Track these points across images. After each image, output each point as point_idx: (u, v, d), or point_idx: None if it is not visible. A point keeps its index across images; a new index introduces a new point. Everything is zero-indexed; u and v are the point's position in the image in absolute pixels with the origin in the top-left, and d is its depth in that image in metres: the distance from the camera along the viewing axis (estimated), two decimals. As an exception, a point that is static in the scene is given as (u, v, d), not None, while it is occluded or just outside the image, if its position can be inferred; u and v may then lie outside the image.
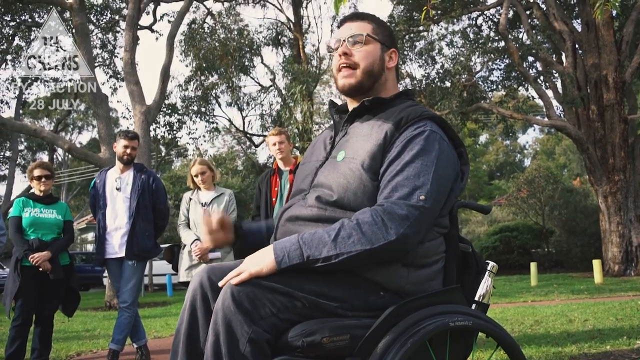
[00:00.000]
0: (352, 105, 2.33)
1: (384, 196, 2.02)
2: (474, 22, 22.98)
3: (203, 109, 23.72)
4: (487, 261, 2.33)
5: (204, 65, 22.80)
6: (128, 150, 5.77)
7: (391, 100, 2.28)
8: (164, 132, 21.72)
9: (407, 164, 2.03)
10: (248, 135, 28.12)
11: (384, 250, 1.93)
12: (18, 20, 20.30)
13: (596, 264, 15.12)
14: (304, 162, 2.41)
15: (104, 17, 21.07)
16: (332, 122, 2.45)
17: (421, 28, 21.47)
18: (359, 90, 2.27)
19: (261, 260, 1.95)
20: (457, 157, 2.18)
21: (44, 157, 38.73)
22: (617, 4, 5.69)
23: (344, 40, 2.28)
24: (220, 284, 1.94)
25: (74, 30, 16.01)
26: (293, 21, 25.26)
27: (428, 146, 2.06)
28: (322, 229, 2.00)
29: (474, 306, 2.23)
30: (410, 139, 2.08)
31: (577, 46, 19.42)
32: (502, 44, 20.05)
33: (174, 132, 21.89)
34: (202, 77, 23.70)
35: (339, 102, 2.48)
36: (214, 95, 25.00)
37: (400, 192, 1.99)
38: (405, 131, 2.11)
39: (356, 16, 2.35)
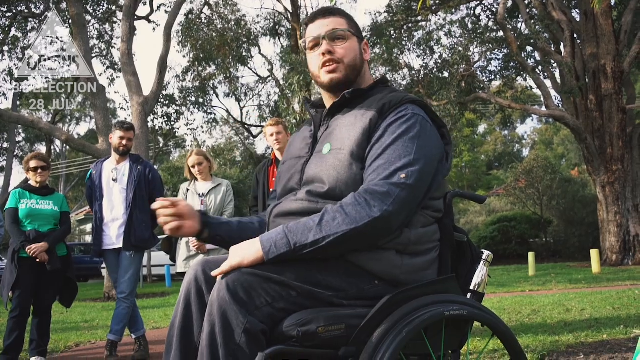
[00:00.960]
0: (329, 101, 2.33)
1: (367, 180, 2.03)
2: (472, 11, 22.97)
3: (201, 100, 23.70)
4: (482, 250, 2.32)
5: (202, 55, 22.73)
6: (124, 142, 5.76)
7: (369, 89, 2.29)
8: (162, 123, 21.71)
9: (388, 147, 2.04)
10: (246, 126, 28.12)
11: (370, 228, 1.93)
12: (14, 11, 20.23)
13: (594, 253, 15.16)
14: (284, 161, 2.39)
15: (101, 7, 21.00)
16: (310, 118, 2.43)
17: (419, 18, 21.45)
18: (345, 85, 2.27)
19: (245, 252, 1.95)
20: (440, 138, 2.19)
21: (41, 148, 38.71)
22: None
23: (323, 38, 2.27)
24: (214, 273, 1.94)
25: (70, 21, 15.96)
26: (291, 11, 25.17)
27: (409, 127, 2.07)
28: (307, 217, 2.00)
29: (469, 295, 2.23)
30: (391, 122, 2.09)
31: (575, 36, 19.40)
32: (501, 33, 20.01)
33: (172, 123, 21.88)
34: (200, 68, 23.65)
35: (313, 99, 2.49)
36: (211, 86, 24.99)
37: (382, 174, 2.00)
38: (388, 116, 2.12)
39: (328, 12, 2.33)
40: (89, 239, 34.76)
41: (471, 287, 2.24)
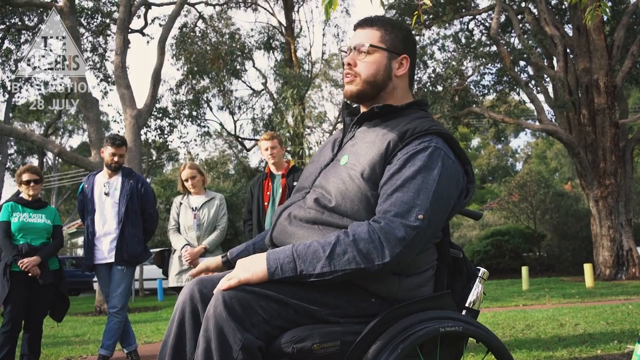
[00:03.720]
0: (363, 109, 2.32)
1: (382, 210, 1.99)
2: (465, 26, 23.05)
3: (194, 113, 23.68)
4: (477, 267, 2.32)
5: (196, 69, 22.75)
6: (115, 158, 5.73)
7: (402, 109, 2.24)
8: (155, 136, 21.70)
9: (408, 180, 1.99)
10: (239, 139, 28.12)
11: (377, 271, 1.91)
12: (8, 23, 20.24)
13: (587, 268, 15.16)
14: (312, 161, 2.39)
15: (95, 20, 21.02)
16: (342, 124, 2.43)
17: (413, 32, 21.52)
18: (363, 98, 2.26)
19: (253, 268, 1.95)
20: (462, 174, 2.15)
21: (33, 161, 38.58)
22: (607, 10, 5.71)
23: (351, 49, 2.27)
24: (220, 287, 1.94)
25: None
26: (285, 25, 25.25)
27: (431, 163, 2.02)
28: (317, 241, 1.97)
29: (464, 312, 2.22)
30: (413, 153, 2.04)
31: (568, 51, 19.52)
32: (494, 48, 20.10)
33: (165, 136, 21.86)
34: (194, 81, 23.65)
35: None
36: (205, 99, 24.98)
37: (398, 208, 1.95)
38: (408, 144, 2.07)
39: (366, 22, 2.31)
40: (80, 252, 34.56)
41: (467, 304, 2.24)
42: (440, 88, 20.48)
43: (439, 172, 2.01)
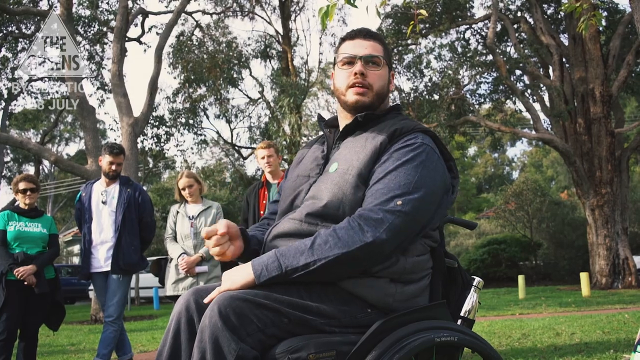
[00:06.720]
0: (344, 120, 2.32)
1: (364, 204, 2.04)
2: (461, 35, 23.13)
3: (191, 121, 23.67)
4: (472, 277, 2.33)
5: (192, 77, 22.74)
6: (113, 167, 5.73)
7: (383, 115, 2.30)
8: (152, 144, 21.68)
9: (390, 172, 2.05)
10: (236, 147, 28.10)
11: (361, 253, 1.93)
12: (5, 32, 20.25)
13: (583, 276, 15.17)
14: (290, 177, 2.39)
15: (92, 28, 21.04)
16: (320, 135, 2.44)
17: (409, 41, 21.58)
18: (369, 109, 2.27)
19: (237, 276, 1.96)
20: (447, 170, 2.19)
21: (30, 169, 38.51)
22: (601, 19, 5.75)
23: (360, 59, 2.27)
24: (206, 300, 1.95)
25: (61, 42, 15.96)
26: (282, 34, 25.28)
27: (415, 156, 2.07)
28: (300, 240, 2.01)
29: (459, 322, 2.22)
30: (398, 149, 2.10)
31: (564, 60, 19.61)
32: (490, 57, 20.17)
33: (162, 144, 21.84)
34: (190, 89, 23.64)
35: (327, 116, 2.48)
36: (202, 107, 24.96)
37: (379, 199, 2.00)
38: (396, 142, 2.13)
39: (369, 35, 2.33)
40: (76, 260, 34.47)
41: (462, 314, 2.24)
42: (436, 97, 20.56)
43: (422, 163, 2.07)
